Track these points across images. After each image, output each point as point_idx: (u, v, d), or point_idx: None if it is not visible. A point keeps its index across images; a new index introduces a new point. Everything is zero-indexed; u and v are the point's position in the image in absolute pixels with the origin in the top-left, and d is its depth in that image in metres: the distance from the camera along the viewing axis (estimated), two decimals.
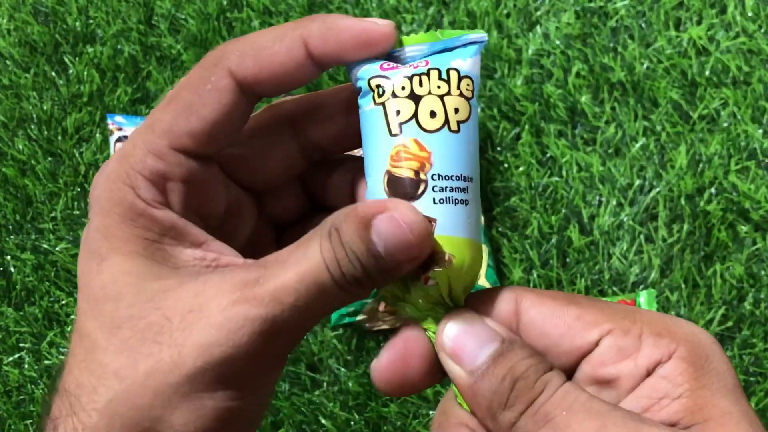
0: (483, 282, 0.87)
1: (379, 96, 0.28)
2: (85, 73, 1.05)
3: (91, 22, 1.09)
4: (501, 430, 0.26)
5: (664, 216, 0.87)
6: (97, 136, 1.02)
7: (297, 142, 0.31)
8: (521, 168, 0.92)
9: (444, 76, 0.28)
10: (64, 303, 0.95)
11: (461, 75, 0.28)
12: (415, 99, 0.28)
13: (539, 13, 0.98)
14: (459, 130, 0.28)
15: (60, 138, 1.03)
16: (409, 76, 0.28)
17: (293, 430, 0.87)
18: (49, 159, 1.02)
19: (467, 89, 0.28)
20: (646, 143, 0.90)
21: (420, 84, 0.28)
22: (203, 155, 0.28)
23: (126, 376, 0.26)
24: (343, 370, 0.88)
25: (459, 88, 0.28)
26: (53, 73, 1.07)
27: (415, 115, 0.27)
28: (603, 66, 0.94)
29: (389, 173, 0.27)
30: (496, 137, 0.94)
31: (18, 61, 1.08)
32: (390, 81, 0.28)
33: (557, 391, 0.26)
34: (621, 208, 0.89)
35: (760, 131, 0.89)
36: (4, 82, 1.07)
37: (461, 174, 0.28)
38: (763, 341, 0.83)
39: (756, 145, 0.88)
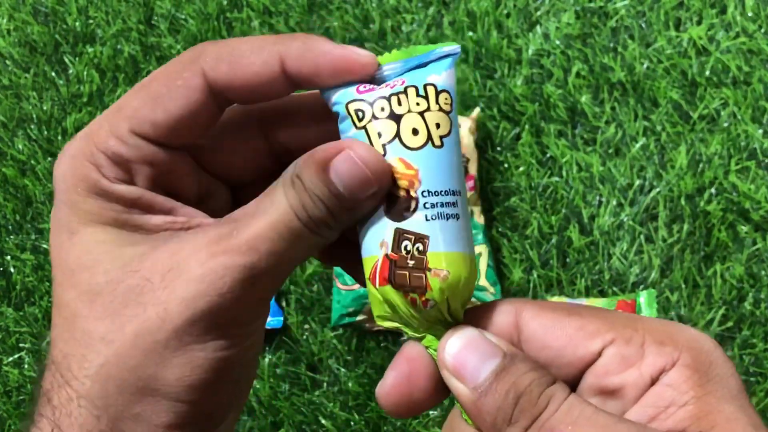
0: (483, 282, 0.87)
1: (360, 120, 0.28)
2: (85, 73, 1.05)
3: (91, 22, 1.09)
4: None
5: (664, 216, 0.87)
6: None
7: (267, 143, 0.31)
8: (521, 168, 0.92)
9: (422, 92, 0.28)
10: None
11: (438, 90, 0.28)
12: (396, 119, 0.28)
13: (539, 13, 0.98)
14: (442, 144, 0.28)
15: (60, 138, 1.03)
16: (387, 96, 0.28)
17: (293, 430, 0.87)
18: (49, 159, 1.02)
19: (445, 103, 0.28)
20: (646, 143, 0.90)
21: (399, 103, 0.28)
22: (165, 145, 0.28)
23: (113, 339, 0.26)
24: (343, 370, 0.88)
25: (438, 103, 0.28)
26: (53, 73, 1.07)
27: (398, 135, 0.28)
28: (603, 66, 0.93)
29: None
30: (496, 137, 0.94)
31: (18, 61, 1.08)
32: (368, 104, 0.28)
33: (561, 405, 0.25)
34: (621, 208, 0.89)
35: (760, 131, 0.89)
36: (4, 82, 1.07)
37: (449, 188, 0.28)
38: (764, 341, 0.83)
39: (756, 145, 0.88)
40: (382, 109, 0.28)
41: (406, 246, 0.27)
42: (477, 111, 0.92)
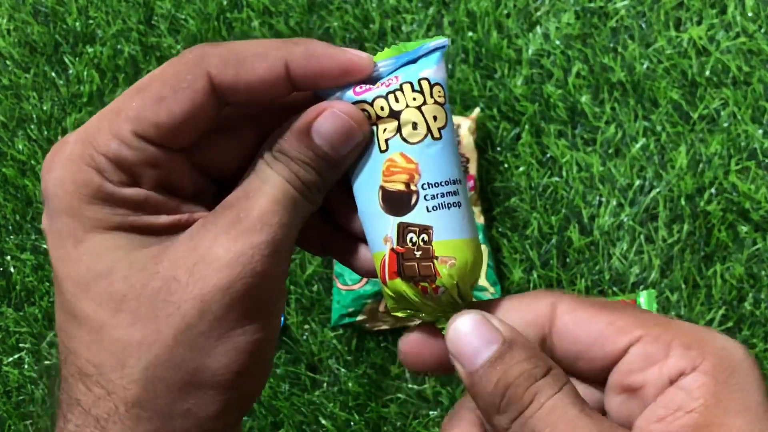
0: (483, 282, 0.87)
1: (367, 119, 0.29)
2: (85, 74, 1.05)
3: (91, 22, 1.09)
4: (496, 431, 0.27)
5: (664, 216, 0.87)
6: None
7: (259, 141, 0.31)
8: (521, 168, 0.92)
9: (417, 87, 0.29)
10: None
11: (432, 83, 0.29)
12: (396, 115, 0.29)
13: (539, 14, 0.98)
14: (441, 136, 0.29)
15: (60, 138, 1.03)
16: (385, 95, 0.29)
17: (293, 430, 0.87)
18: None
19: (439, 96, 0.29)
20: (646, 143, 0.90)
21: (396, 100, 0.29)
22: (165, 146, 0.28)
23: (153, 341, 0.26)
24: (343, 370, 0.88)
25: (432, 96, 0.29)
26: (53, 73, 1.07)
27: (399, 130, 0.29)
28: (603, 66, 0.93)
29: (383, 188, 0.29)
30: (496, 137, 0.94)
31: (18, 61, 1.08)
32: (369, 104, 0.29)
33: (544, 405, 0.26)
34: (621, 208, 0.89)
35: (760, 131, 0.89)
36: (4, 82, 1.07)
37: (449, 178, 0.29)
38: (764, 341, 0.83)
39: (756, 145, 0.88)
40: (381, 108, 0.29)
41: (411, 238, 0.28)
42: (477, 111, 0.92)
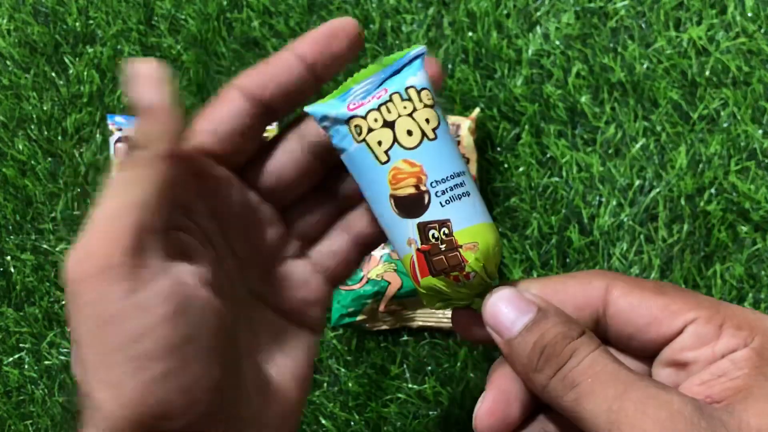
0: None
1: (359, 134, 0.31)
2: (85, 74, 1.05)
3: (91, 22, 1.09)
4: (535, 389, 0.29)
5: (664, 216, 0.87)
6: (98, 136, 1.02)
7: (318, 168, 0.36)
8: (521, 168, 0.92)
9: (405, 96, 0.31)
10: (64, 303, 0.95)
11: (419, 89, 0.31)
12: (390, 125, 0.31)
13: (539, 14, 0.98)
14: (436, 136, 0.31)
15: (60, 138, 1.03)
16: (377, 107, 0.31)
17: None
18: (49, 159, 1.02)
19: (428, 99, 0.31)
20: (646, 143, 0.90)
21: (388, 111, 0.31)
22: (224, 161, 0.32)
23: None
24: (343, 370, 0.88)
25: (421, 101, 0.31)
26: (53, 74, 1.07)
27: (396, 140, 0.31)
28: (603, 66, 0.94)
29: (394, 196, 0.31)
30: (496, 137, 0.94)
31: (18, 62, 1.08)
32: (362, 118, 0.31)
33: (584, 359, 0.28)
34: (621, 208, 0.89)
35: (760, 131, 0.89)
36: (4, 82, 1.07)
37: (454, 172, 0.31)
38: None
39: (756, 146, 0.88)
40: (375, 120, 0.31)
41: (433, 234, 0.30)
42: (477, 111, 0.92)
